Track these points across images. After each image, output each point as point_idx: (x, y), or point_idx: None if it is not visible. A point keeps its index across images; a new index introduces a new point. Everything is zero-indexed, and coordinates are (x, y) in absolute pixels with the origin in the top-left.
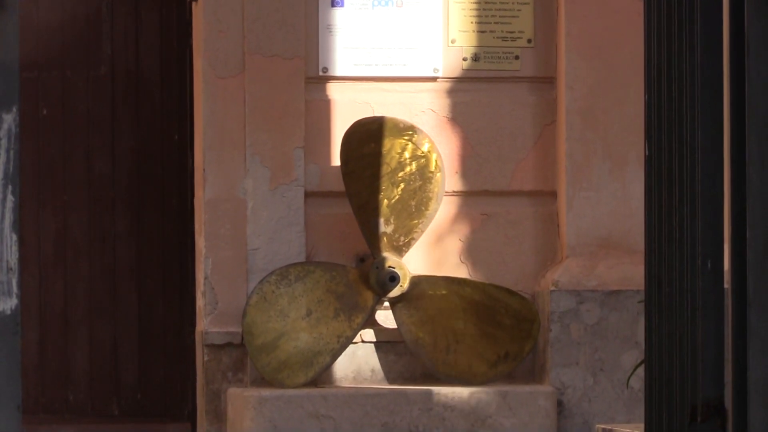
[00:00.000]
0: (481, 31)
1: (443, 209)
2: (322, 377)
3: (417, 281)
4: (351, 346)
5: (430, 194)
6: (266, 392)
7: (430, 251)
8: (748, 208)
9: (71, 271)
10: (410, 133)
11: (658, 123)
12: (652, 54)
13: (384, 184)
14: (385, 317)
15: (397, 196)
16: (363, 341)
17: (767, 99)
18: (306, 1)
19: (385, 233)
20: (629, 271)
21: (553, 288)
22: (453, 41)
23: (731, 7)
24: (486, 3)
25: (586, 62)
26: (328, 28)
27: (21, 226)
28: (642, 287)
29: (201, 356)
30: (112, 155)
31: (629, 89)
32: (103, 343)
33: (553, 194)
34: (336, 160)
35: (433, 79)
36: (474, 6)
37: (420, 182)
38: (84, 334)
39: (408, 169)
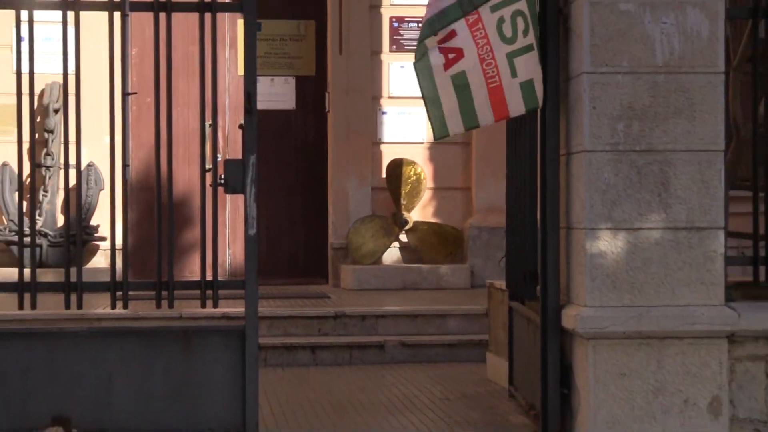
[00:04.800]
0: None
1: (426, 195)
2: (378, 261)
3: (416, 223)
4: (390, 249)
5: (421, 188)
6: (356, 266)
7: (421, 212)
8: (547, 197)
9: (278, 215)
10: (413, 164)
11: (512, 162)
12: (510, 131)
13: (402, 184)
14: (403, 237)
15: (408, 189)
16: (394, 247)
17: (553, 156)
18: (371, 112)
19: (403, 204)
20: (500, 220)
21: (469, 225)
22: (431, 128)
23: (541, 114)
24: None
25: (485, 133)
26: (381, 122)
27: (259, 195)
28: (505, 226)
29: (330, 252)
30: (296, 168)
31: (501, 146)
32: (291, 246)
33: (470, 188)
34: (383, 174)
35: (422, 143)
36: None
37: (417, 184)
38: (284, 241)
39: (412, 178)
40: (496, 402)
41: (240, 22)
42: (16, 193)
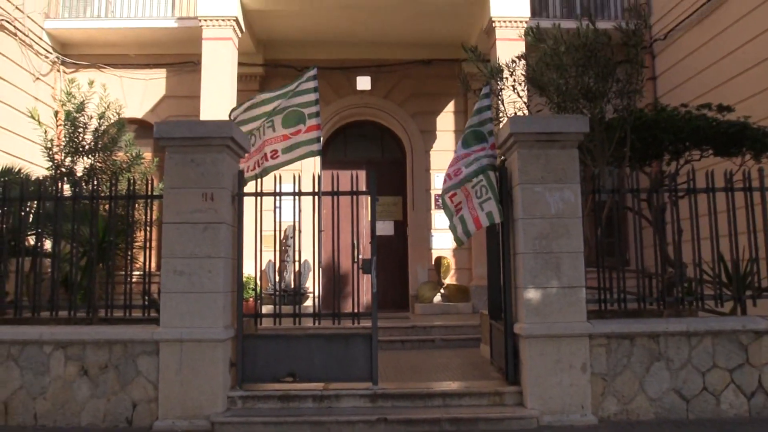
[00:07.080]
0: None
1: (452, 272)
2: (431, 301)
3: (447, 285)
4: (436, 296)
5: (450, 269)
6: (421, 304)
7: (450, 279)
8: (506, 273)
9: (386, 281)
10: (446, 258)
11: (489, 256)
12: (488, 244)
13: (441, 267)
14: (442, 291)
15: (443, 269)
16: (438, 295)
17: (508, 254)
18: (427, 236)
19: (441, 275)
20: (485, 283)
21: (471, 285)
22: (454, 240)
23: (501, 235)
24: None
25: (476, 245)
26: (431, 239)
27: (378, 273)
28: (487, 285)
29: (410, 298)
30: (393, 261)
31: (484, 250)
32: (392, 295)
33: (471, 268)
34: (432, 263)
35: (450, 248)
36: None
37: (447, 267)
38: (389, 293)
39: (446, 264)
40: (485, 366)
41: (369, 198)
42: (273, 273)
